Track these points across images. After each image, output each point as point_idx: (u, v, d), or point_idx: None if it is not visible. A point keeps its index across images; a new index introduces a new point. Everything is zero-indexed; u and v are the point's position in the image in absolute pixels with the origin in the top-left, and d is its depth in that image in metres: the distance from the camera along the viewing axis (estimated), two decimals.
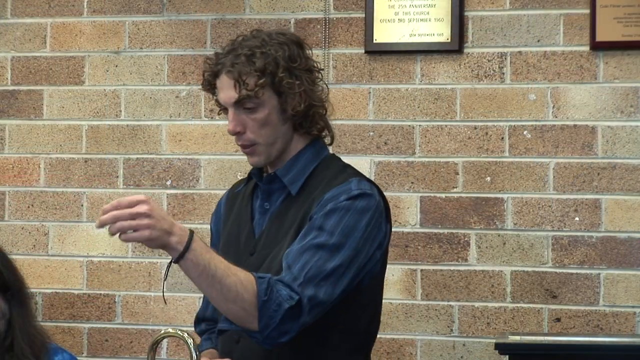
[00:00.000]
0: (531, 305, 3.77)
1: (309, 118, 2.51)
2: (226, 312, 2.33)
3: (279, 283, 2.33)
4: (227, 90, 2.47)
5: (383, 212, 2.48)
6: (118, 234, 2.26)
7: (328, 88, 2.59)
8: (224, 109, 2.53)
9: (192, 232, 2.31)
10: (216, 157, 4.01)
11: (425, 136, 3.86)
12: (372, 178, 3.88)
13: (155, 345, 2.32)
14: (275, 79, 2.45)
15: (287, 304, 2.31)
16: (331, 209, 2.40)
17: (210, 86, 2.54)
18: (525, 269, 3.78)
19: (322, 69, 2.58)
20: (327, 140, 2.61)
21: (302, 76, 2.48)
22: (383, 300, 2.66)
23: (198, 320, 2.78)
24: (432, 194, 3.85)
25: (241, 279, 2.29)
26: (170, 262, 2.33)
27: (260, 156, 2.50)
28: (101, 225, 2.26)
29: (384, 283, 2.62)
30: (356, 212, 2.42)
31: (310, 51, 2.56)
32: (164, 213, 2.30)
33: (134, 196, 2.28)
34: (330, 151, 2.64)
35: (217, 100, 2.54)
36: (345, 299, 2.42)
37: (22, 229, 4.16)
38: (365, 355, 2.57)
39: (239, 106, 2.47)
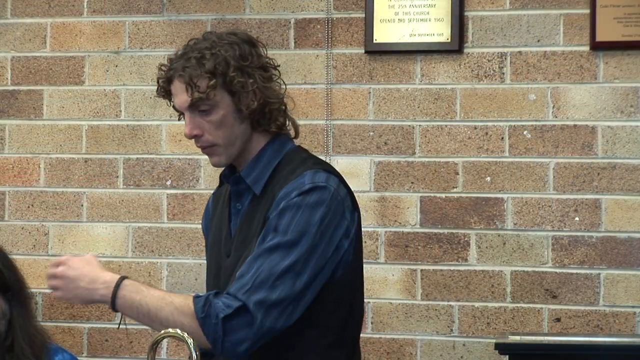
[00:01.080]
0: (531, 305, 3.77)
1: (266, 115, 2.51)
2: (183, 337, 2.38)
3: (219, 296, 2.38)
4: (180, 95, 2.50)
5: (343, 201, 2.47)
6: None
7: (286, 85, 2.59)
8: (181, 114, 2.55)
9: (121, 278, 2.43)
10: None
11: (425, 136, 3.86)
12: (372, 178, 3.88)
13: (155, 345, 2.32)
14: (227, 78, 2.46)
15: (222, 314, 2.34)
16: (283, 208, 2.41)
17: (165, 92, 2.56)
18: (525, 269, 3.78)
19: (278, 66, 2.58)
20: (292, 133, 2.61)
21: (254, 74, 2.49)
22: (383, 300, 2.65)
23: None
24: (432, 194, 3.85)
25: (176, 306, 2.38)
26: (120, 319, 2.50)
27: (220, 156, 2.52)
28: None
29: (364, 274, 2.60)
30: (308, 207, 2.41)
31: (264, 50, 2.56)
32: (87, 270, 2.46)
33: (59, 258, 2.49)
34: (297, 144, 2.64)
35: (174, 106, 2.56)
36: (319, 294, 2.42)
37: (22, 229, 4.16)
38: (349, 350, 2.55)
39: (193, 109, 2.49)
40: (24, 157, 4.16)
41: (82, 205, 4.11)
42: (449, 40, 3.83)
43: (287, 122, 2.57)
